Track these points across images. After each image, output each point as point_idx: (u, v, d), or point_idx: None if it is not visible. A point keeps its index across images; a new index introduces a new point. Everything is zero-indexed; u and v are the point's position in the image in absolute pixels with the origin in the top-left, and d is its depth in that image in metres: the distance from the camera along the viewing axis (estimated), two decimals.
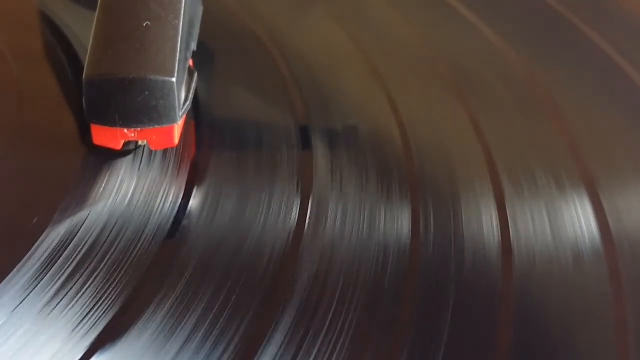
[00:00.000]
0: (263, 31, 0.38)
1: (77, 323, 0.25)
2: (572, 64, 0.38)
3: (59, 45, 0.35)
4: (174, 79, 0.28)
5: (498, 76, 0.37)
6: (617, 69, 0.37)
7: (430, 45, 0.39)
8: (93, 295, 0.26)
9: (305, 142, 0.33)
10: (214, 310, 0.26)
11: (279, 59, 0.36)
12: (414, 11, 0.41)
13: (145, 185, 0.30)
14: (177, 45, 0.29)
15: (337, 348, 0.25)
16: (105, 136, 0.29)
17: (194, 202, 0.29)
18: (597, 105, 0.36)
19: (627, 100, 0.36)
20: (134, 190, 0.29)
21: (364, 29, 0.39)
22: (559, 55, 0.39)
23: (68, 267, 0.27)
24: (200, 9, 0.34)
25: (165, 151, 0.31)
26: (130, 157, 0.30)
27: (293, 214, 0.29)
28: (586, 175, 0.32)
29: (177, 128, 0.30)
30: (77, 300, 0.26)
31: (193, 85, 0.31)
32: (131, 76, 0.28)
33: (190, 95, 0.30)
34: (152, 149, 0.30)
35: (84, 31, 0.32)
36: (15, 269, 0.26)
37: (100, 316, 0.25)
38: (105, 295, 0.26)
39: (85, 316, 0.25)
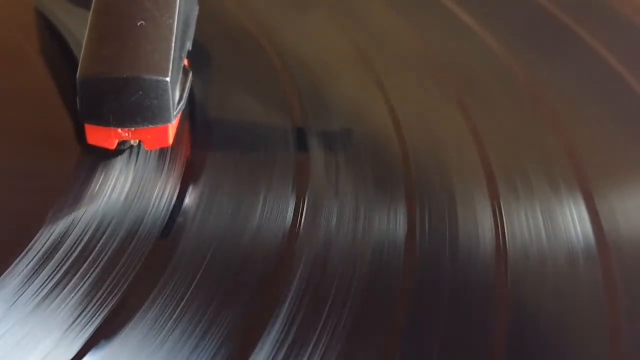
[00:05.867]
0: (260, 31, 0.38)
1: (71, 321, 0.25)
2: (569, 68, 0.38)
3: (55, 44, 0.35)
4: (168, 79, 0.28)
5: (495, 79, 0.37)
6: (614, 73, 0.37)
7: (428, 48, 0.39)
8: (87, 294, 0.26)
9: (302, 144, 0.33)
10: (208, 310, 0.26)
11: (275, 59, 0.36)
12: (412, 14, 0.41)
13: (140, 185, 0.30)
14: (171, 45, 0.29)
15: (331, 348, 0.25)
16: (99, 136, 0.29)
17: (188, 202, 0.30)
18: (593, 108, 0.36)
19: (624, 104, 0.36)
20: (129, 189, 0.29)
21: (362, 31, 0.39)
22: (556, 58, 0.39)
23: (63, 265, 0.27)
24: (196, 9, 0.34)
25: (160, 151, 0.31)
26: (125, 156, 0.30)
27: (288, 214, 0.29)
28: (582, 178, 0.32)
29: (172, 128, 0.30)
30: (71, 299, 0.26)
31: (188, 85, 0.31)
32: (125, 76, 0.28)
33: (185, 96, 0.30)
34: (147, 148, 0.30)
35: (80, 30, 0.32)
36: (9, 268, 0.26)
37: (94, 314, 0.26)
38: (100, 294, 0.26)
39: (79, 315, 0.25)
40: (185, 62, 0.32)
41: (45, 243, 0.27)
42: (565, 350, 0.26)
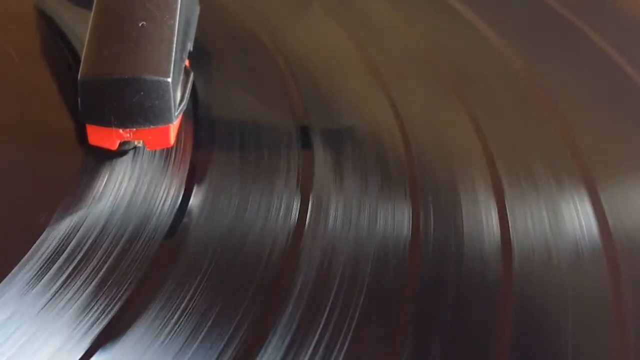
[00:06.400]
0: (262, 31, 0.38)
1: (77, 322, 0.25)
2: (572, 64, 0.38)
3: (57, 45, 0.35)
4: (169, 80, 0.28)
5: (498, 75, 0.37)
6: (617, 68, 0.37)
7: (430, 45, 0.39)
8: (93, 295, 0.26)
9: (305, 142, 0.33)
10: (214, 310, 0.26)
11: (278, 58, 0.36)
12: (414, 11, 0.41)
13: (145, 185, 0.30)
14: (172, 46, 0.29)
15: (337, 347, 0.25)
16: (100, 136, 0.29)
17: (193, 202, 0.30)
18: (596, 104, 0.36)
19: (627, 99, 0.36)
20: (133, 190, 0.29)
21: (364, 29, 0.39)
22: (559, 54, 0.39)
23: (68, 266, 0.27)
24: (197, 9, 0.34)
25: (165, 151, 0.31)
26: (130, 157, 0.30)
27: (293, 213, 0.29)
28: (586, 174, 0.32)
29: (173, 128, 0.30)
30: (77, 300, 0.26)
31: (189, 85, 0.31)
32: (126, 76, 0.28)
33: (187, 96, 0.30)
34: (148, 149, 0.30)
35: (81, 30, 0.32)
36: (15, 269, 0.26)
37: (100, 315, 0.26)
38: (106, 295, 0.26)
39: (85, 315, 0.25)
40: (187, 62, 0.32)
41: (50, 244, 0.27)
42: (571, 347, 0.26)
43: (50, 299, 0.26)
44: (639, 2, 0.42)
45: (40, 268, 0.26)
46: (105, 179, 0.30)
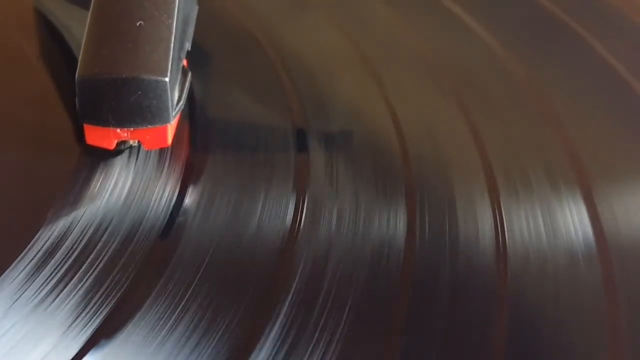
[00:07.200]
0: (260, 31, 0.38)
1: (71, 321, 0.25)
2: (569, 68, 0.38)
3: (55, 44, 0.35)
4: (167, 79, 0.28)
5: (495, 80, 0.37)
6: (615, 73, 0.37)
7: (428, 49, 0.39)
8: (88, 294, 0.26)
9: (302, 144, 0.33)
10: (208, 309, 0.26)
11: (276, 59, 0.36)
12: (412, 14, 0.41)
13: (140, 185, 0.30)
14: (170, 45, 0.29)
15: (331, 348, 0.25)
16: (98, 136, 0.29)
17: (188, 202, 0.30)
18: (594, 109, 0.36)
19: (624, 104, 0.36)
20: (129, 189, 0.29)
21: (362, 31, 0.39)
22: (556, 59, 0.39)
23: (63, 265, 0.27)
24: (195, 9, 0.34)
25: (160, 151, 0.31)
26: (125, 156, 0.30)
27: (288, 214, 0.29)
28: (582, 178, 0.32)
29: (171, 128, 0.30)
30: (71, 299, 0.26)
31: (187, 85, 0.31)
32: (124, 76, 0.28)
33: (184, 96, 0.30)
34: (146, 149, 0.30)
35: (80, 30, 0.32)
36: (10, 268, 0.26)
37: (95, 314, 0.26)
38: (100, 294, 0.26)
39: (80, 314, 0.26)
40: (185, 62, 0.32)
41: (45, 243, 0.27)
42: (565, 351, 0.26)
43: (45, 297, 0.26)
44: (638, 9, 0.42)
45: (35, 267, 0.26)
46: (101, 179, 0.30)
